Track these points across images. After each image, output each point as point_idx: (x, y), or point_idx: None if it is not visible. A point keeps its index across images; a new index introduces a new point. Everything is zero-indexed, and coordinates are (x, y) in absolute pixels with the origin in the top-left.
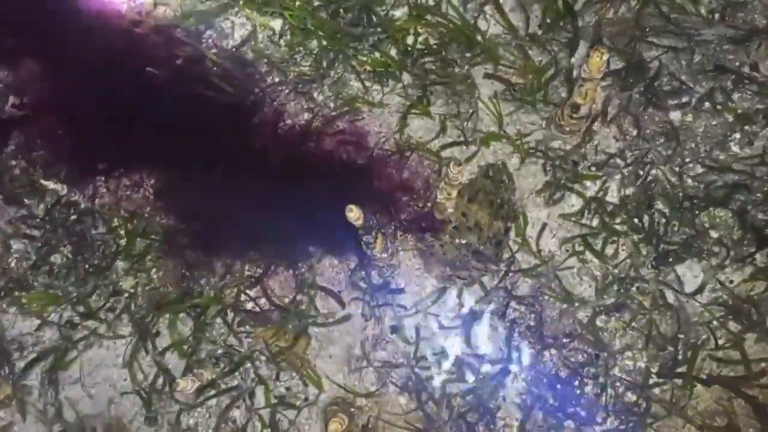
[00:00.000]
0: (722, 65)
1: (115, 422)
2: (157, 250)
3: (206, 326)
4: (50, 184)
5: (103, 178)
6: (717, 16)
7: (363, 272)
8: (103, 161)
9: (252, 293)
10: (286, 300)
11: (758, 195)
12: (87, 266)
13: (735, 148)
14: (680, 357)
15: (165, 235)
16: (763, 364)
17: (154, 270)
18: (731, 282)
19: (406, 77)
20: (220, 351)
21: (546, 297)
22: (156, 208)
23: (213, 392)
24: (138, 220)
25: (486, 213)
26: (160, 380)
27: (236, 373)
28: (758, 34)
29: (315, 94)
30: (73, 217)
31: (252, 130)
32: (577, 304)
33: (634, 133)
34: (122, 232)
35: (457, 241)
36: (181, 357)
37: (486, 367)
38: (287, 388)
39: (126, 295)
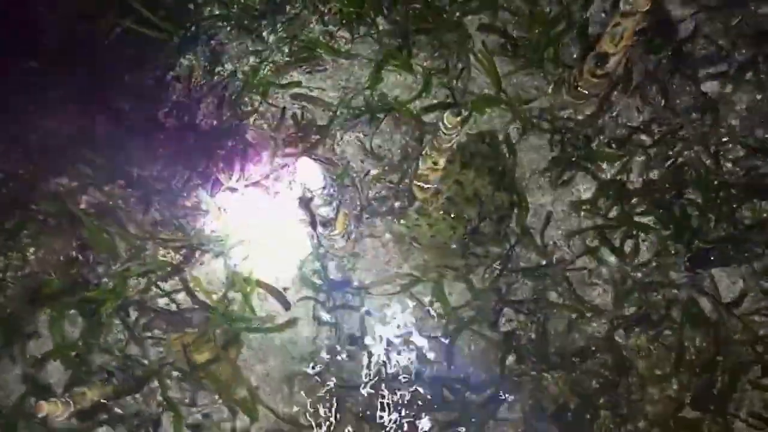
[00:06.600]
0: (765, 30)
1: None
2: (38, 223)
3: (100, 328)
4: None
5: None
6: None
7: (317, 264)
8: None
9: (167, 286)
10: (214, 297)
11: None
12: None
13: None
14: (718, 384)
15: None
16: None
17: (32, 249)
18: None
19: (383, 22)
20: (114, 363)
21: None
22: None
23: (104, 416)
24: (13, 183)
25: (486, 182)
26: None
27: (137, 395)
28: None
29: (264, 34)
30: None
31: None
32: (590, 315)
33: (662, 104)
34: None
35: (452, 215)
36: (66, 368)
37: (473, 393)
38: (205, 415)
39: None
